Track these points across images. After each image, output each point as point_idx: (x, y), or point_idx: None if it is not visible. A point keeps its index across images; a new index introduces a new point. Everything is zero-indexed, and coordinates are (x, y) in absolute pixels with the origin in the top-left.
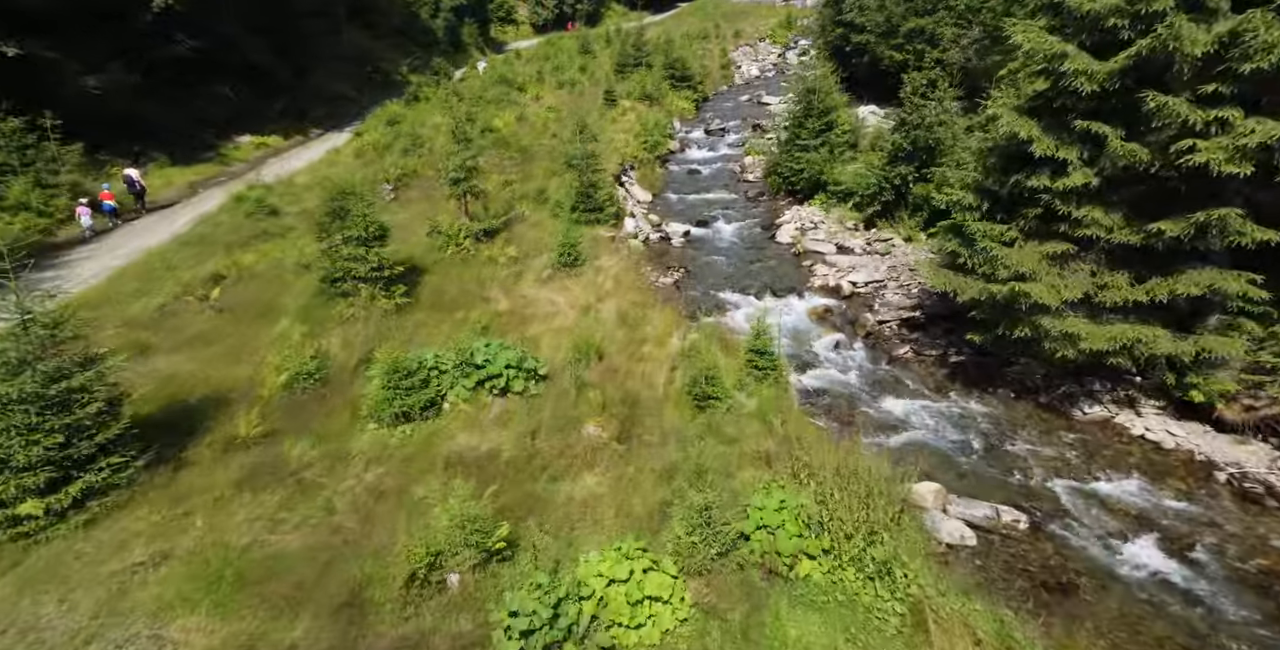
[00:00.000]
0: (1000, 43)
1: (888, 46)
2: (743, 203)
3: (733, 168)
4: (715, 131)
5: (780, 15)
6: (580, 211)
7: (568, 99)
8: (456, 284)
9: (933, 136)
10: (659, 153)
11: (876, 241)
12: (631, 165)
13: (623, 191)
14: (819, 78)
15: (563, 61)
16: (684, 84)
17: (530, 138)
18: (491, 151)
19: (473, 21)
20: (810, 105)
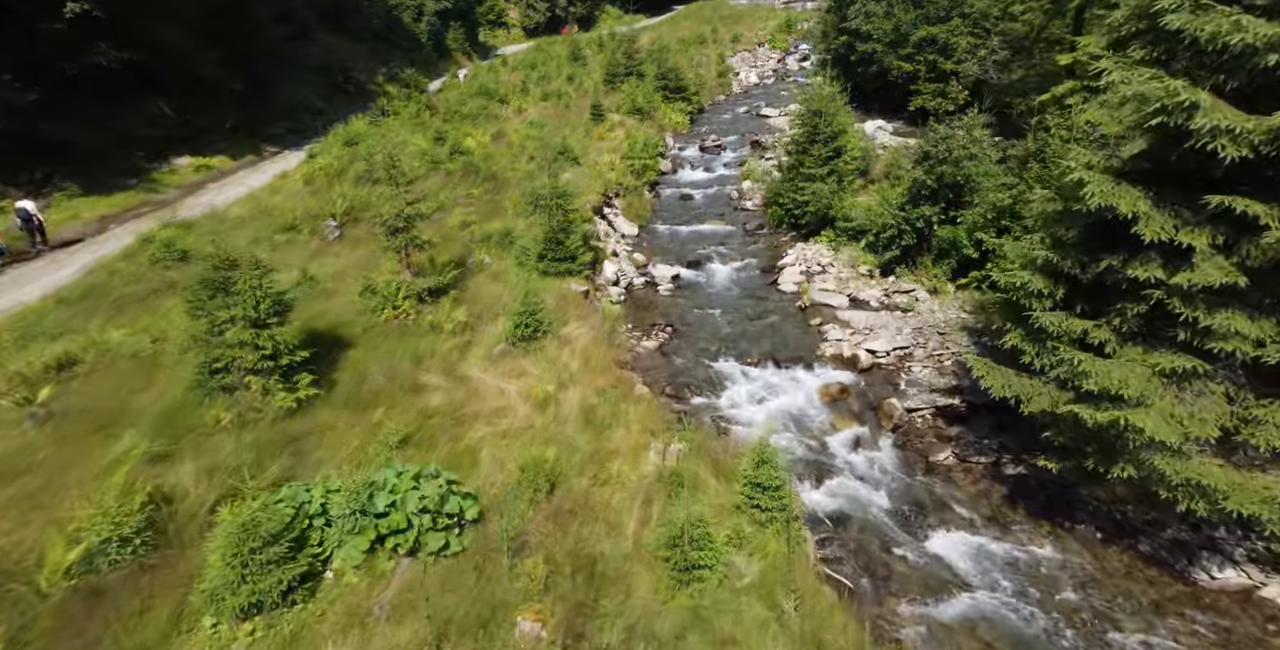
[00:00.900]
0: (1024, 56)
1: (896, 57)
2: (740, 236)
3: (729, 192)
4: (711, 148)
5: (780, 18)
6: (549, 260)
7: (553, 113)
8: (386, 363)
9: (961, 173)
10: (648, 176)
11: (896, 293)
12: (617, 192)
13: (604, 226)
14: (825, 98)
15: (550, 70)
16: (677, 95)
17: (505, 161)
18: (458, 180)
19: (458, 25)
20: (816, 129)
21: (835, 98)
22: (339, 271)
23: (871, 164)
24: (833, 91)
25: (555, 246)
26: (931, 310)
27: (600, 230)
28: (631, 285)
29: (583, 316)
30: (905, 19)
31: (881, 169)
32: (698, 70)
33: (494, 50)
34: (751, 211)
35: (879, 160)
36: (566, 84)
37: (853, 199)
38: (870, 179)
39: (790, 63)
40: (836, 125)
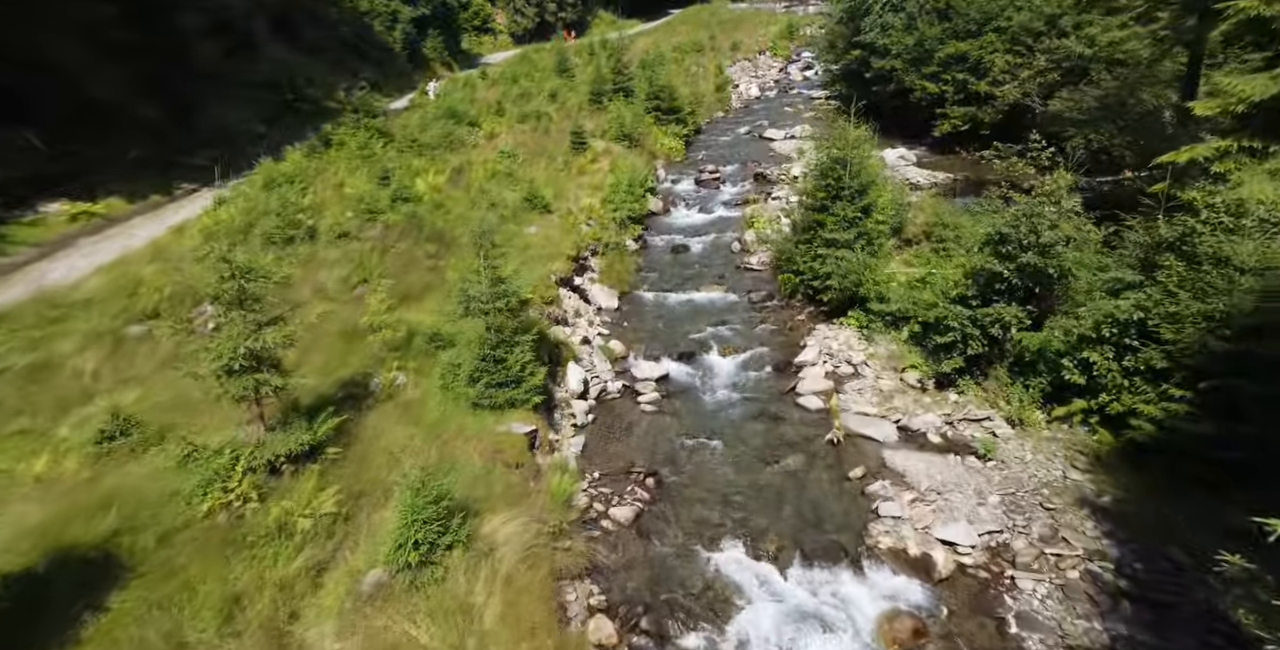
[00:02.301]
0: (1085, 79)
1: (919, 75)
2: (744, 310)
3: (730, 242)
4: (709, 182)
5: (780, 23)
6: (485, 385)
7: (530, 138)
8: (167, 625)
9: (1053, 264)
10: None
11: (963, 420)
12: (595, 249)
13: (574, 302)
14: (851, 143)
15: (531, 86)
16: (671, 117)
17: (462, 208)
18: (396, 237)
19: (437, 34)
20: (839, 182)
21: (863, 142)
22: (179, 399)
23: (906, 218)
24: (860, 134)
25: (494, 366)
26: (1020, 457)
27: (569, 309)
28: (604, 394)
29: (520, 495)
30: (929, 33)
31: (921, 226)
32: (695, 85)
33: (478, 59)
34: (758, 272)
35: (915, 210)
36: (548, 102)
37: (887, 270)
38: (905, 238)
39: (793, 72)
40: (865, 175)
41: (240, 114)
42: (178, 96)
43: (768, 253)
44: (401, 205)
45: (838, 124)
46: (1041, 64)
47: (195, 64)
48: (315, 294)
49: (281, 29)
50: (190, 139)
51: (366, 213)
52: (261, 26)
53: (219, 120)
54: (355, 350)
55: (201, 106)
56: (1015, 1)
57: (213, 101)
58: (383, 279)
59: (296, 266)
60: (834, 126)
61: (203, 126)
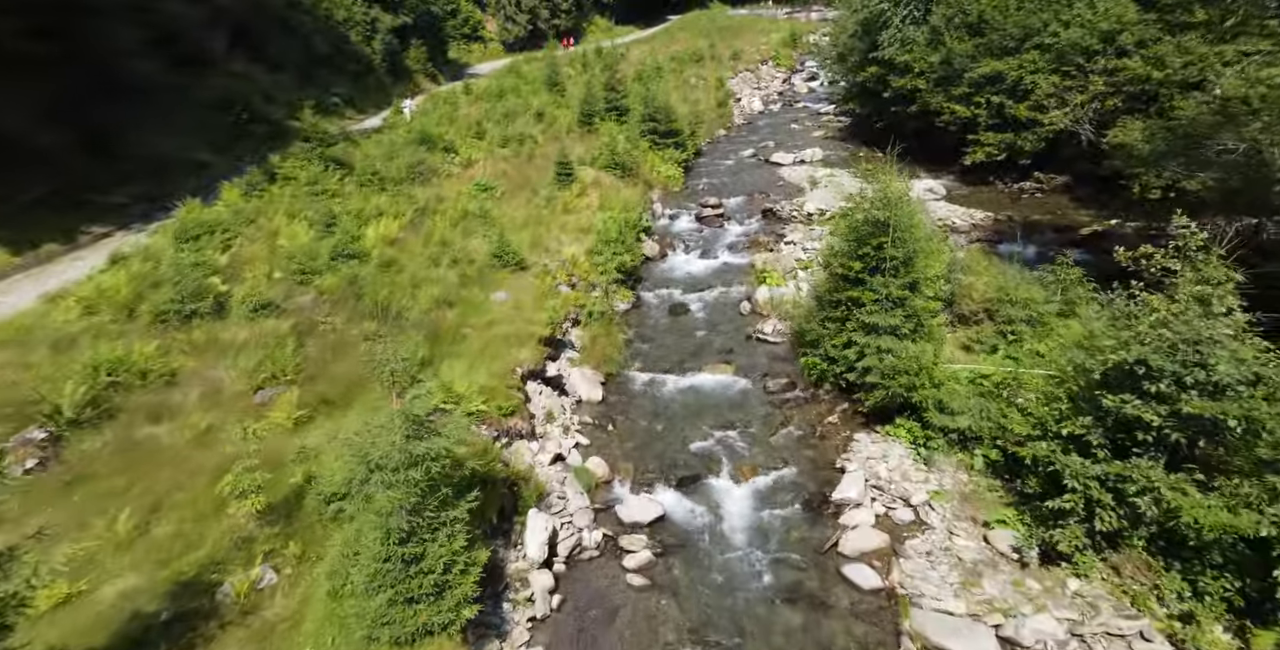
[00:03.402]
0: (1159, 106)
1: (947, 97)
2: (760, 402)
3: (738, 298)
4: (711, 218)
5: (782, 31)
6: (388, 600)
7: (512, 167)
8: None
9: (1236, 412)
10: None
11: (1101, 635)
12: (576, 318)
13: (546, 399)
14: (893, 200)
15: (517, 103)
16: (669, 140)
17: (419, 265)
18: (327, 312)
19: (420, 44)
20: (879, 250)
21: (907, 198)
22: None
23: (959, 287)
24: (903, 189)
25: (403, 571)
26: None
27: (538, 412)
28: (578, 552)
29: None
30: (958, 50)
31: (980, 298)
32: (694, 104)
33: (466, 69)
34: (774, 345)
35: (968, 274)
36: (534, 122)
37: (944, 362)
38: (959, 312)
39: (797, 83)
40: (911, 240)
41: (181, 140)
42: (95, 121)
43: (784, 322)
44: (343, 264)
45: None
46: (1100, 87)
47: (125, 82)
48: (202, 399)
49: (241, 43)
50: (110, 172)
51: (299, 274)
52: (218, 38)
53: (152, 148)
54: (216, 522)
55: (128, 132)
56: (1060, 15)
57: (147, 126)
58: (296, 375)
59: (189, 355)
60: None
61: (129, 156)
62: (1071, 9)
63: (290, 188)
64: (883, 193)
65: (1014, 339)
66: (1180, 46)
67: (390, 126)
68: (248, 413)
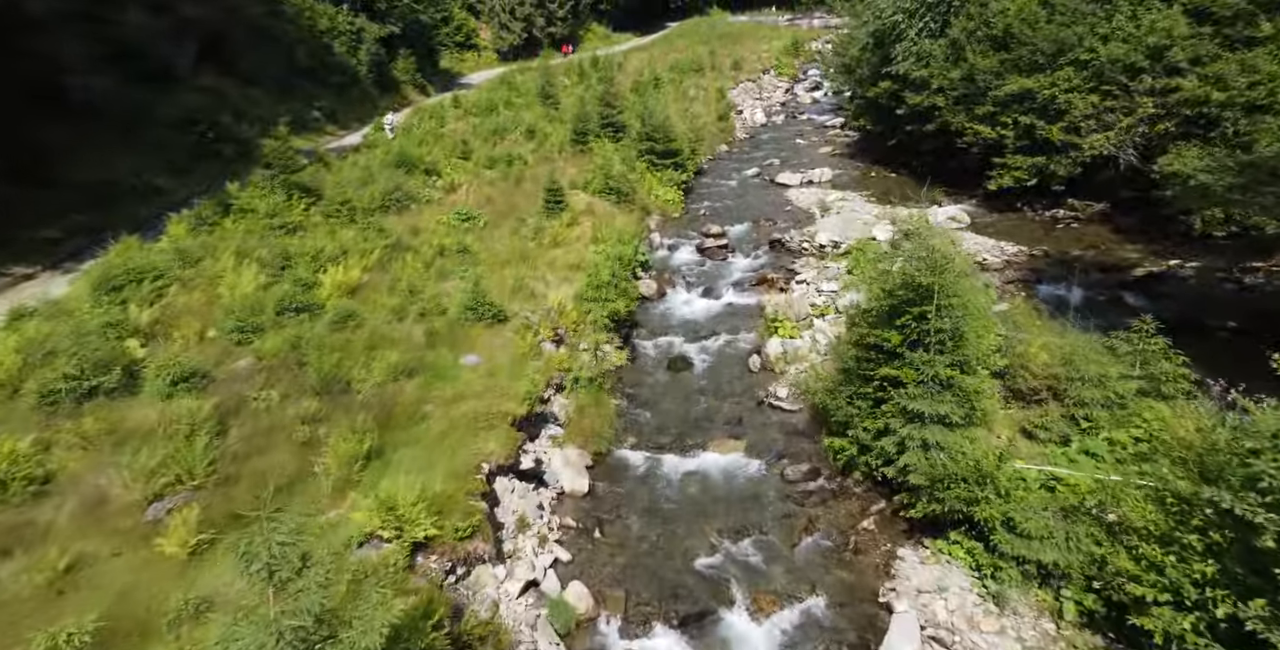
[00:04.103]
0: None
1: (969, 116)
2: (777, 496)
3: (747, 354)
4: (713, 249)
5: (784, 38)
6: None
7: (499, 191)
8: None
9: None
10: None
11: None
12: (560, 384)
13: (519, 500)
14: (938, 263)
15: (508, 117)
16: (667, 161)
17: (380, 320)
18: (261, 383)
19: (409, 53)
20: (921, 321)
21: (952, 258)
22: None
23: (1014, 356)
24: (948, 247)
25: None
26: None
27: (507, 521)
28: None
29: None
30: (981, 65)
31: (1041, 373)
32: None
33: (458, 79)
34: (789, 414)
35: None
36: (525, 140)
37: (1001, 447)
38: (1015, 387)
39: (800, 92)
40: (959, 306)
41: (135, 163)
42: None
43: (801, 385)
44: (290, 321)
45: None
46: (1150, 109)
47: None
48: (77, 516)
49: (211, 56)
50: (52, 200)
51: (237, 333)
52: (185, 50)
53: (100, 173)
54: None
55: (79, 155)
56: (1097, 28)
57: (98, 148)
58: (208, 478)
59: (77, 451)
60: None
61: (77, 182)
62: (1110, 22)
63: (246, 221)
64: (925, 252)
65: (1089, 427)
66: (1244, 64)
67: (369, 145)
68: (132, 537)
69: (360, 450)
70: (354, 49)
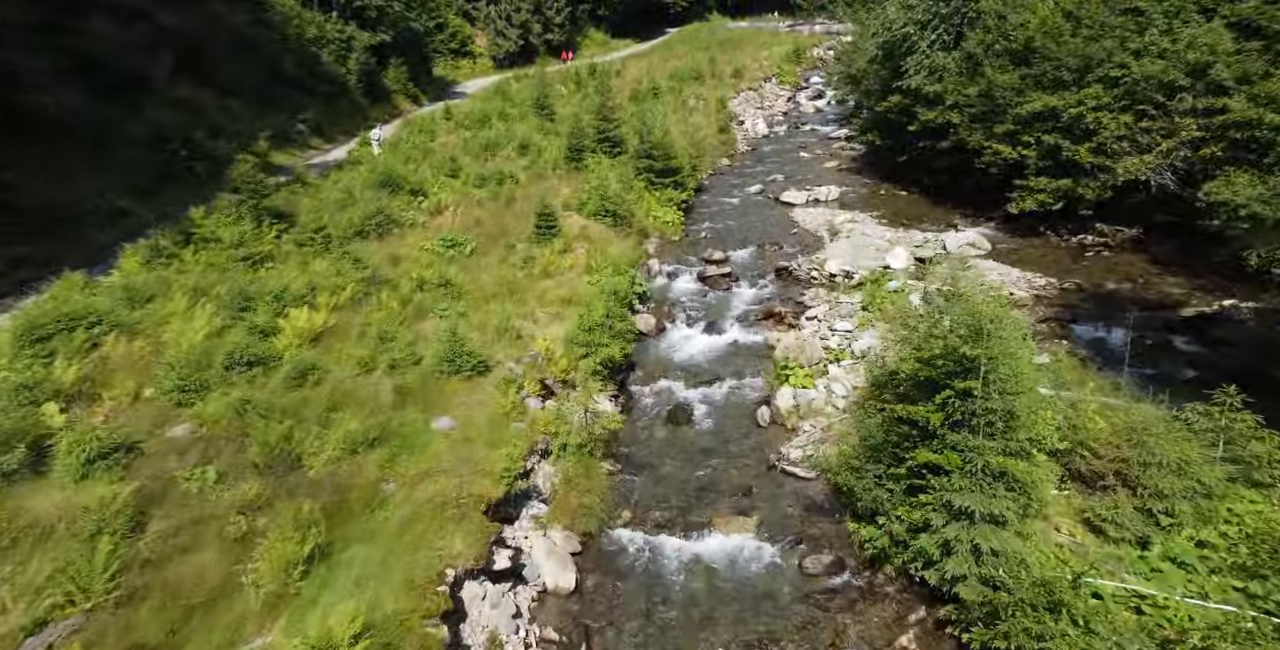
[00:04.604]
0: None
1: (987, 134)
2: (794, 594)
3: (755, 405)
4: (716, 277)
5: (785, 44)
6: None
7: (489, 213)
8: None
9: None
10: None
11: None
12: (545, 448)
13: (487, 608)
14: (987, 329)
15: (501, 130)
16: (666, 180)
17: (346, 373)
18: (199, 455)
19: (401, 62)
20: (966, 398)
21: (1002, 321)
22: None
23: (1070, 430)
24: (1001, 310)
25: None
26: None
27: (474, 633)
28: None
29: None
30: (1000, 81)
31: (1103, 447)
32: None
33: (452, 88)
34: (805, 482)
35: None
36: (517, 156)
37: (1059, 546)
38: (1073, 466)
39: (802, 101)
40: (1010, 381)
41: (99, 183)
42: None
43: (819, 463)
44: (240, 377)
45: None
46: (1193, 132)
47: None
48: None
49: (188, 67)
50: None
51: (176, 394)
52: (160, 62)
53: (59, 194)
54: None
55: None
56: (1128, 43)
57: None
58: (108, 594)
59: None
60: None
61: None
62: (1142, 36)
63: (209, 252)
64: (969, 316)
65: (1171, 524)
66: None
67: (353, 162)
68: None
69: (301, 553)
70: (343, 58)
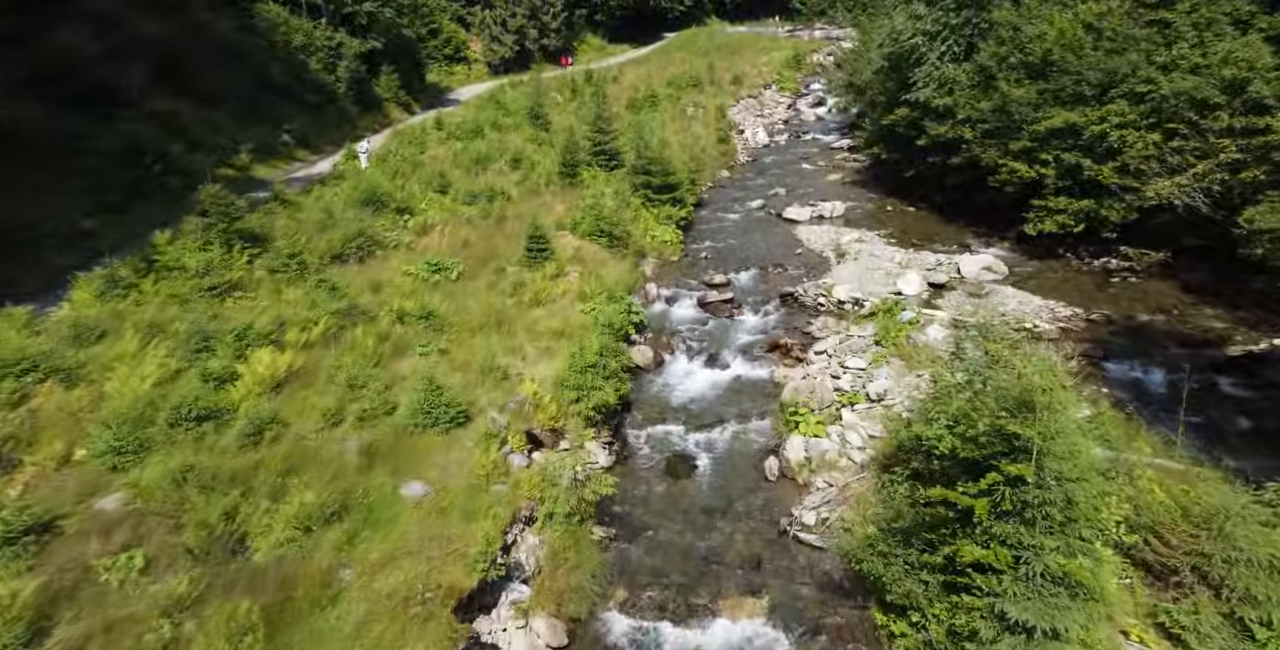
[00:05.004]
0: None
1: (1002, 151)
2: None
3: (763, 454)
4: (717, 303)
5: (784, 51)
6: None
7: (479, 233)
8: None
9: None
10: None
11: None
12: (530, 515)
13: None
14: (1039, 406)
15: (494, 141)
16: (664, 195)
17: (305, 428)
18: (133, 539)
19: (392, 69)
20: (1019, 493)
21: (1054, 390)
22: None
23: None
24: (1051, 380)
25: None
26: None
27: None
28: None
29: None
30: (1015, 95)
31: (1176, 535)
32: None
33: (446, 94)
34: (817, 552)
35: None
36: (510, 171)
37: None
38: (1136, 553)
39: (803, 108)
40: (1067, 463)
41: (63, 203)
42: None
43: (838, 549)
44: (187, 434)
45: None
46: (1232, 153)
47: None
48: None
49: (169, 77)
50: None
51: (111, 457)
52: (134, 71)
53: (17, 215)
54: None
55: None
56: (1154, 56)
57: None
58: None
59: None
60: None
61: None
62: (1170, 50)
63: (172, 282)
64: (1016, 386)
65: (1271, 637)
66: None
67: (338, 177)
68: None
69: None
70: (332, 66)
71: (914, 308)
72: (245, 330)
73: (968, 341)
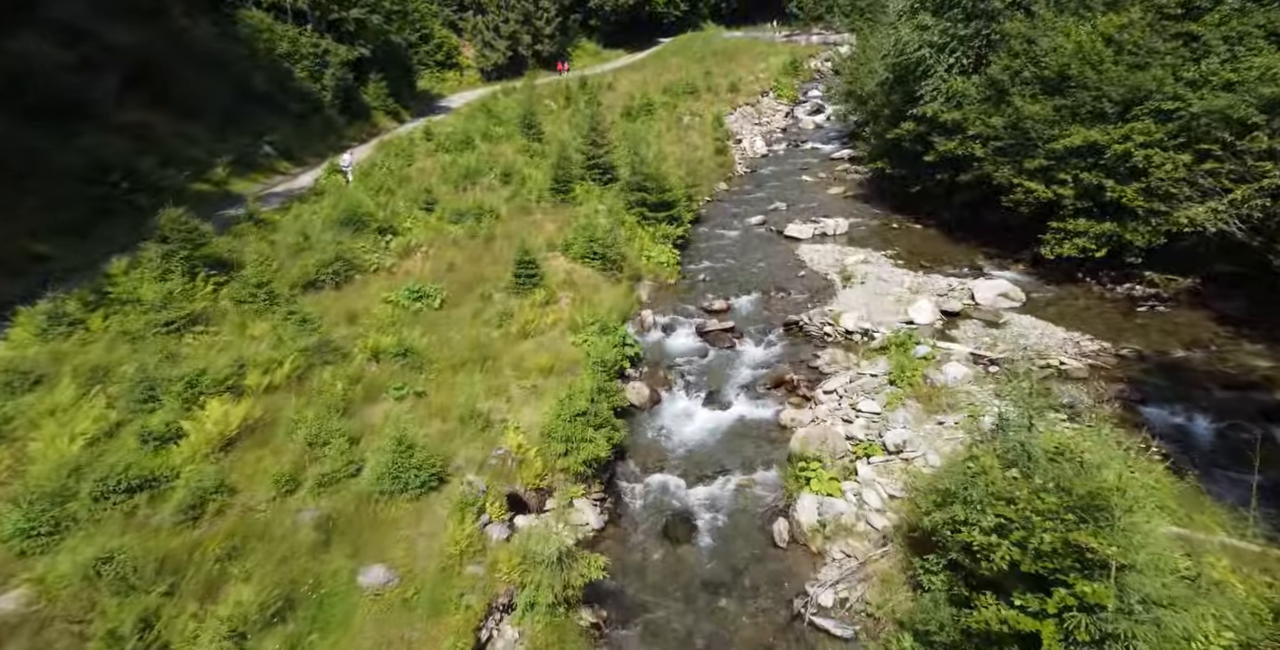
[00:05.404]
0: None
1: (1017, 170)
2: None
3: (770, 515)
4: (717, 332)
5: (782, 55)
6: None
7: (465, 255)
8: None
9: None
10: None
11: None
12: (508, 603)
13: None
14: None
15: (485, 152)
16: (660, 213)
17: (256, 499)
18: None
19: (381, 77)
20: (1071, 552)
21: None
22: None
23: None
24: (1126, 464)
25: None
26: None
27: None
28: None
29: None
30: (1031, 112)
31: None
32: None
33: (438, 101)
34: (840, 641)
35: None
36: (500, 186)
37: None
38: None
39: (801, 116)
40: (1150, 570)
41: (18, 224)
42: None
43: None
44: (115, 509)
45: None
46: (1276, 179)
47: None
48: None
49: (142, 85)
50: None
51: (19, 541)
52: (103, 82)
53: None
54: None
55: None
56: (1180, 71)
57: None
58: None
59: None
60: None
61: None
62: (1200, 65)
63: (123, 316)
64: (1081, 483)
65: None
66: None
67: (318, 193)
68: None
69: None
70: (317, 74)
71: (929, 341)
72: (198, 376)
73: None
